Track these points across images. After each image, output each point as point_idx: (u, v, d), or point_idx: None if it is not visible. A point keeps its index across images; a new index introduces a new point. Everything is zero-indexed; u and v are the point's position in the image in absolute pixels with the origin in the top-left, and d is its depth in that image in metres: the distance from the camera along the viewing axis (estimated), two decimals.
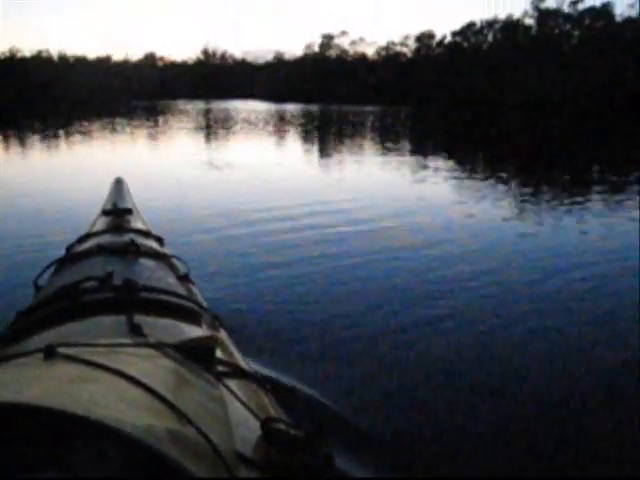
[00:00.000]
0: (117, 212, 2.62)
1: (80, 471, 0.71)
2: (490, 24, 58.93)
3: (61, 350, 0.92)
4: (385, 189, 8.33)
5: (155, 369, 0.97)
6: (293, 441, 0.99)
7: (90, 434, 0.72)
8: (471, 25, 60.48)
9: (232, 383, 1.26)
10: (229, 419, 0.95)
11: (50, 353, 0.91)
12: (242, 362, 1.53)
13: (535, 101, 41.29)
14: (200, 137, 16.27)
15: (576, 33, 51.63)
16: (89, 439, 0.72)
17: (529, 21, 55.44)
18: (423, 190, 8.19)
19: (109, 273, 1.68)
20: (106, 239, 2.23)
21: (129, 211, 2.67)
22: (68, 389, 0.80)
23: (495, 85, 47.34)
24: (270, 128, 22.13)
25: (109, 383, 0.85)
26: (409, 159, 12.29)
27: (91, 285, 1.62)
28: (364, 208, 6.69)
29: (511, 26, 55.91)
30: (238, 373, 1.36)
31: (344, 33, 73.27)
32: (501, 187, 8.73)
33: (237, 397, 1.20)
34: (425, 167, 10.69)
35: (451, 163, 11.83)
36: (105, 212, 2.67)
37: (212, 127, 20.13)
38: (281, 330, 3.13)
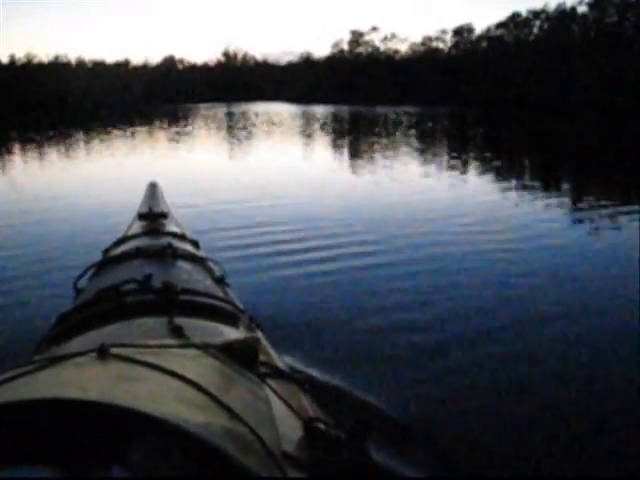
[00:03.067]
0: (153, 216, 2.77)
1: (143, 467, 0.79)
2: (536, 14, 58.06)
3: (113, 350, 1.02)
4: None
5: (203, 369, 1.07)
6: (335, 441, 1.08)
7: (153, 430, 0.81)
8: (516, 15, 59.64)
9: (273, 383, 1.35)
10: (275, 419, 1.04)
11: (103, 353, 1.01)
12: (280, 362, 1.65)
13: (602, 101, 39.67)
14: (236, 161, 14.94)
15: (632, 20, 50.39)
16: (152, 435, 0.81)
17: (582, 9, 54.41)
18: None
19: (148, 276, 1.80)
20: (143, 242, 2.37)
21: (164, 215, 2.83)
22: (126, 387, 0.89)
23: (553, 83, 45.94)
24: (312, 136, 21.49)
25: (163, 382, 0.95)
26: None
27: (131, 287, 1.75)
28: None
29: (565, 15, 54.71)
30: (278, 373, 1.47)
31: (375, 29, 73.02)
32: None
33: (279, 397, 1.29)
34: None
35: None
36: (141, 216, 2.82)
37: (244, 145, 18.68)
38: (315, 332, 3.30)
